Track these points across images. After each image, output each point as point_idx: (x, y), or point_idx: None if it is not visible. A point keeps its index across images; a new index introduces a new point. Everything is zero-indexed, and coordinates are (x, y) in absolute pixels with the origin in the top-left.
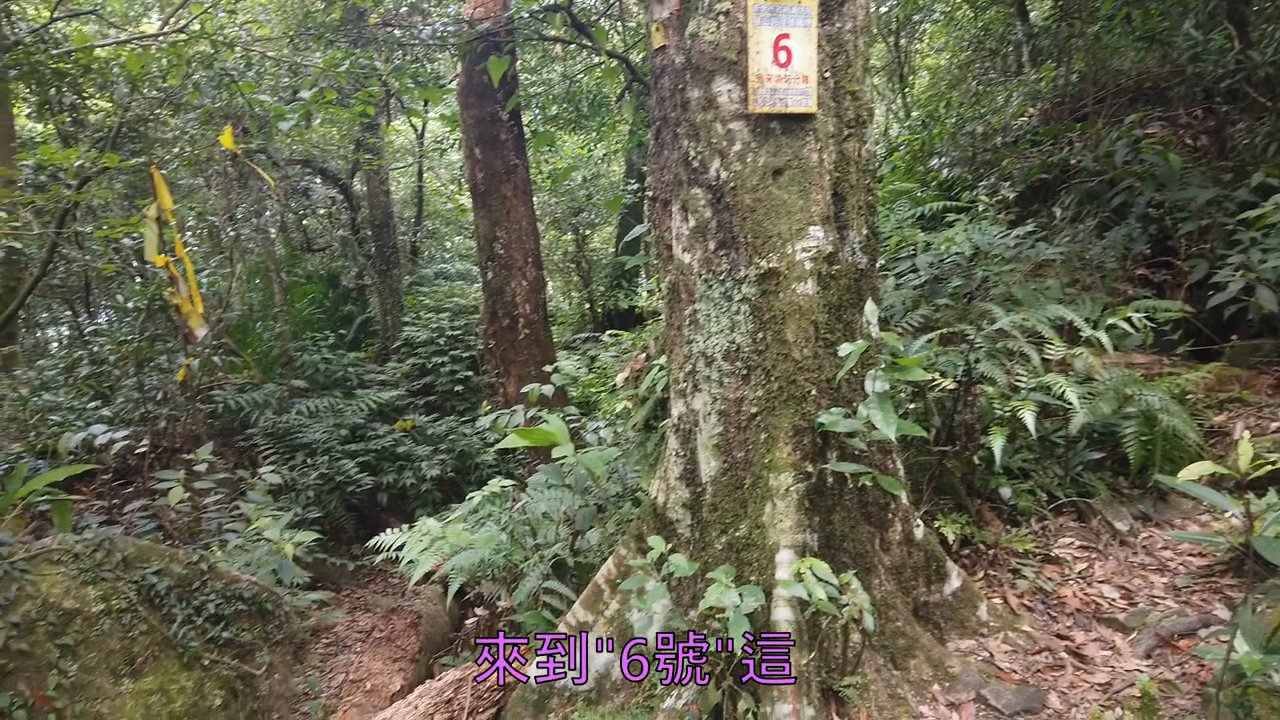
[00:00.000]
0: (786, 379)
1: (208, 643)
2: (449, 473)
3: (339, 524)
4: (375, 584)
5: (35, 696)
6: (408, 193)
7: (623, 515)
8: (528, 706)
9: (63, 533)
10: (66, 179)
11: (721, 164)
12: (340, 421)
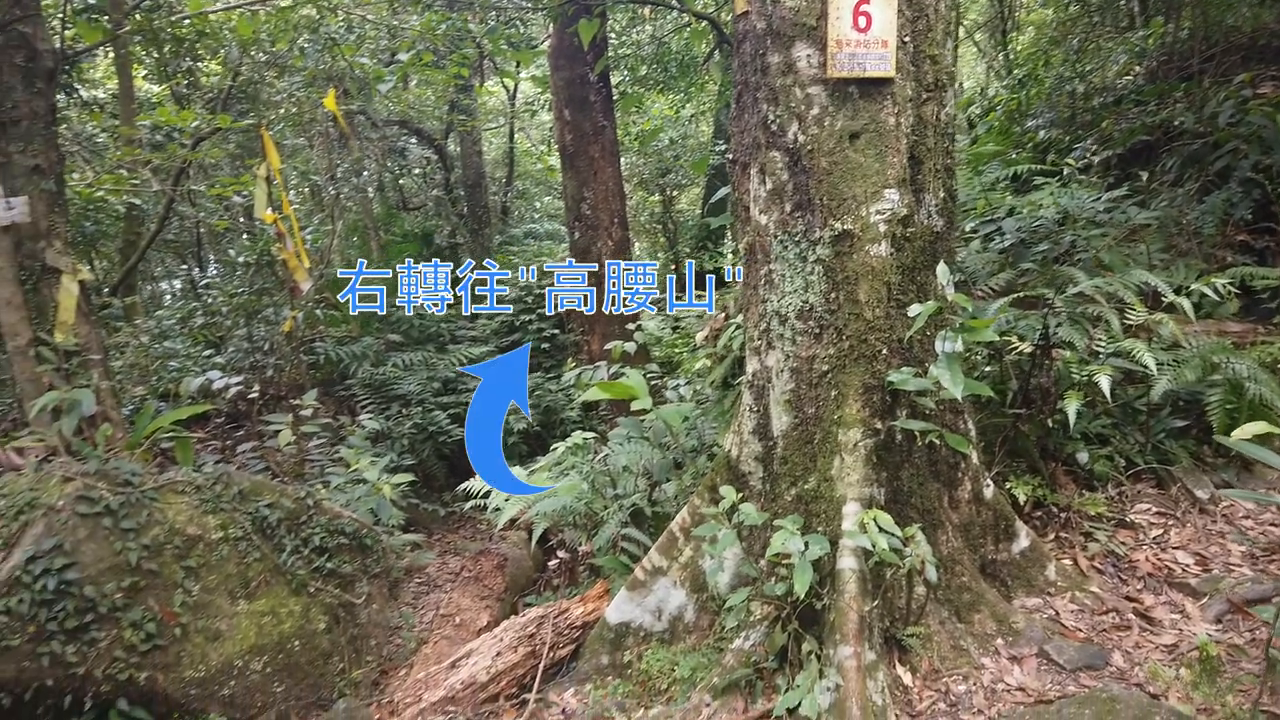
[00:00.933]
0: (858, 338)
1: (313, 572)
2: (534, 427)
3: (431, 472)
4: (464, 530)
5: (164, 612)
6: (499, 153)
7: (699, 468)
8: (604, 644)
9: (185, 466)
10: (182, 139)
11: (799, 128)
12: (433, 375)
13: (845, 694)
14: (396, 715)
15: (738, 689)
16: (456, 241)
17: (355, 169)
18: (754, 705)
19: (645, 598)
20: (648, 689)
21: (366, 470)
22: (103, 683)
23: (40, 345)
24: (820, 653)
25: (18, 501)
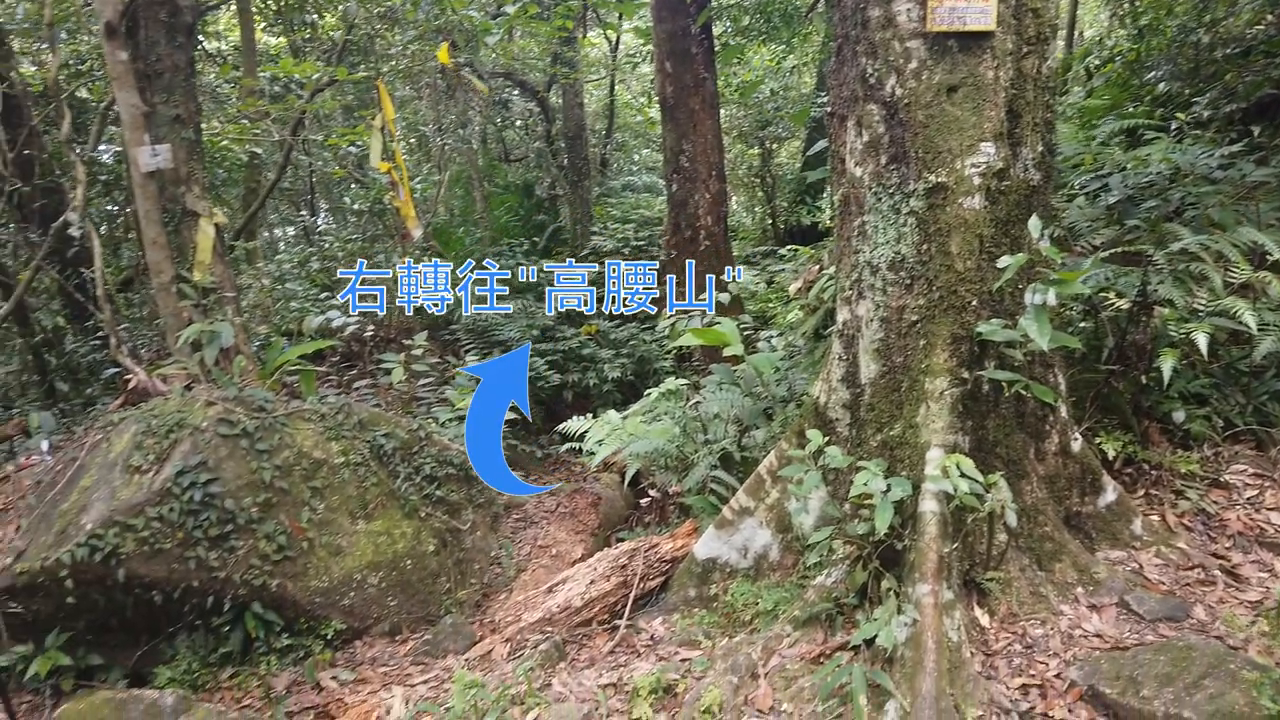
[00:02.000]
0: (948, 289)
1: (424, 498)
2: (629, 376)
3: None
4: (559, 471)
5: (293, 526)
6: (600, 105)
7: (787, 416)
8: (691, 578)
9: (309, 397)
10: (301, 90)
11: (897, 80)
12: (532, 323)
13: (921, 629)
14: (497, 632)
15: (818, 621)
16: (556, 193)
17: (462, 120)
18: (833, 636)
19: (732, 536)
20: (732, 620)
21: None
22: (240, 587)
23: (181, 282)
24: (899, 590)
25: (167, 422)
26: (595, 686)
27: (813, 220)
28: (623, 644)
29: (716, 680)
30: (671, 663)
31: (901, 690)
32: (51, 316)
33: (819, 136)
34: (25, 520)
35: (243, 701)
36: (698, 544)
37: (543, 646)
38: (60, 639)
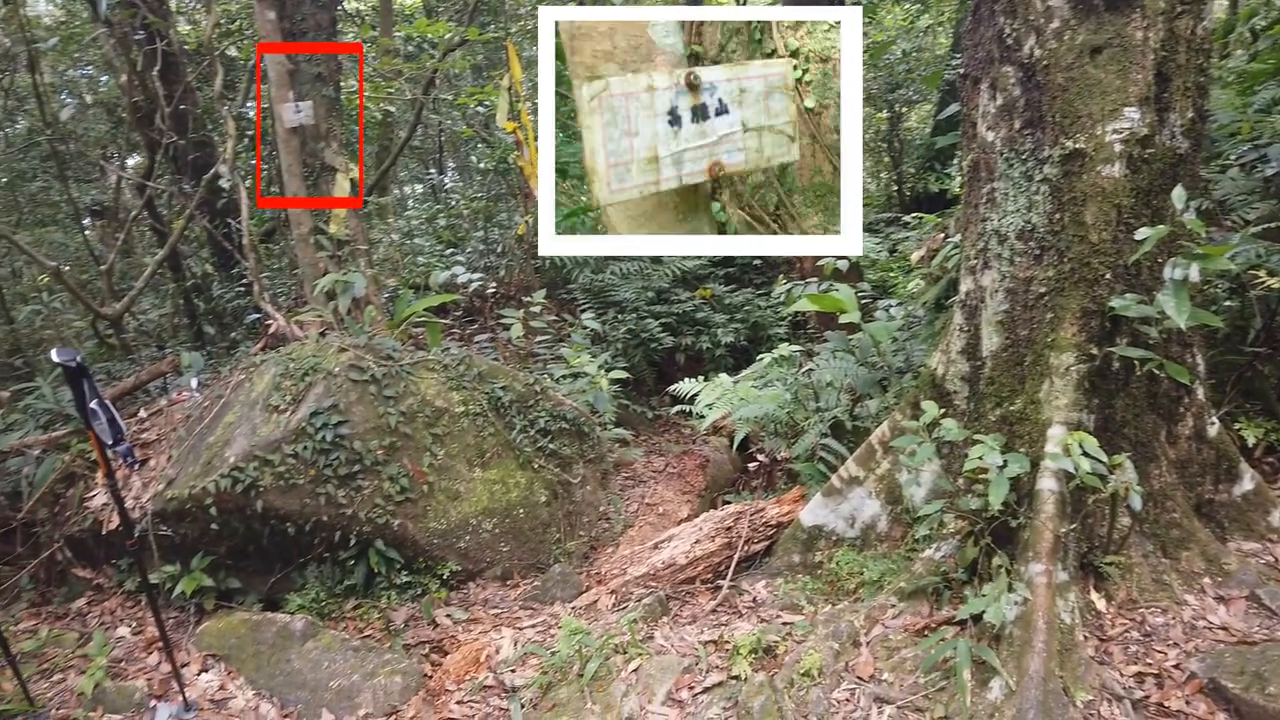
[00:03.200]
0: (1080, 261)
1: (538, 450)
2: (742, 341)
3: (640, 377)
4: (669, 433)
5: (414, 470)
6: None
7: (902, 387)
8: (796, 544)
9: (434, 348)
10: (433, 50)
11: (1036, 41)
12: (648, 284)
13: (1032, 608)
14: (603, 584)
15: (924, 595)
16: None
17: None
18: (939, 610)
19: (839, 505)
20: (835, 588)
21: (587, 365)
22: (365, 524)
23: (319, 234)
24: (1010, 568)
25: (304, 365)
26: (696, 642)
27: (941, 187)
28: (725, 603)
29: (817, 645)
30: (773, 625)
31: (1008, 668)
32: (201, 264)
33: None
34: (175, 451)
35: (364, 631)
36: (804, 511)
37: (647, 600)
38: (204, 562)
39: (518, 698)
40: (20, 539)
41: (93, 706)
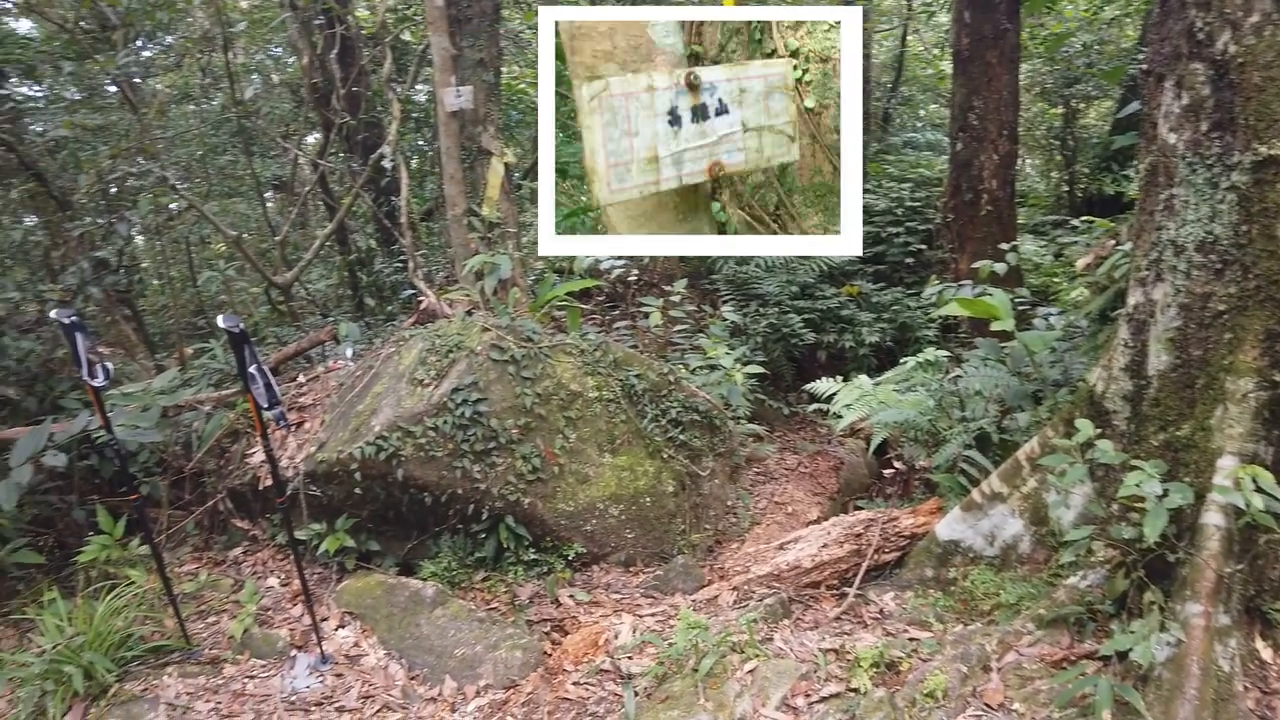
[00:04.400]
0: (1268, 278)
1: (667, 440)
2: (887, 341)
3: (779, 372)
4: (805, 431)
5: (547, 451)
6: (888, 57)
7: (1057, 402)
8: (930, 557)
9: (573, 332)
10: None
11: (1231, 36)
12: (792, 279)
13: (1186, 651)
14: (726, 579)
15: (1065, 624)
16: None
17: None
18: (1080, 643)
19: (979, 521)
20: (969, 607)
21: (722, 358)
22: (497, 500)
23: (471, 215)
24: (1164, 605)
25: (449, 342)
26: (816, 649)
27: (1117, 190)
28: (850, 612)
29: (944, 665)
30: (898, 639)
31: (1154, 712)
32: (366, 239)
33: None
34: (328, 416)
35: (490, 604)
36: (941, 524)
37: (768, 601)
38: (347, 523)
39: (632, 685)
40: (189, 487)
41: (240, 650)
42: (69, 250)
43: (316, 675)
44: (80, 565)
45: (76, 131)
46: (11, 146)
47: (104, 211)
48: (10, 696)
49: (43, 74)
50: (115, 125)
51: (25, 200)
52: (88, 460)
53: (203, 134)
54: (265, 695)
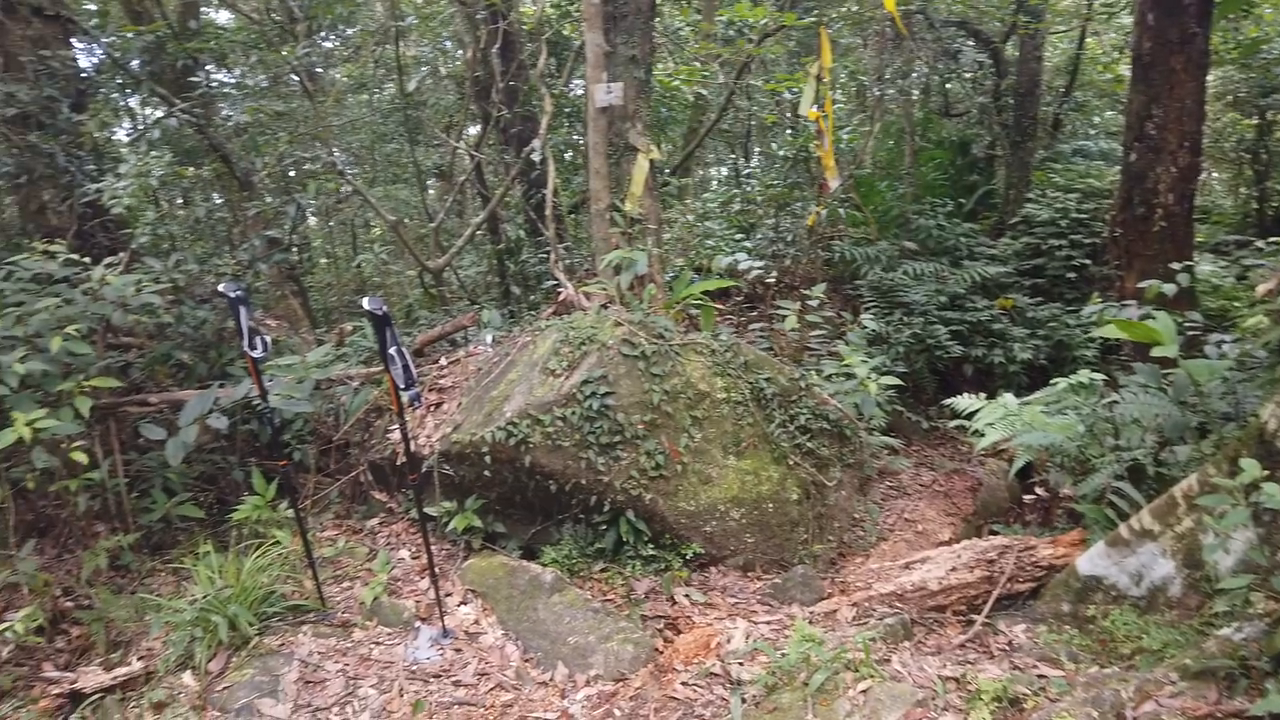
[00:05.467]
0: None
1: (794, 447)
2: (1041, 359)
3: (921, 384)
4: (944, 447)
5: (671, 449)
6: (1061, 60)
7: (1223, 437)
8: (1069, 592)
9: (705, 331)
10: (750, 34)
11: None
12: (941, 288)
13: None
14: (846, 594)
15: (1213, 678)
16: (994, 153)
17: (904, 70)
18: (1229, 699)
19: (1125, 558)
20: (1106, 649)
21: (858, 367)
22: (619, 493)
23: (614, 211)
24: None
25: (582, 334)
26: (936, 675)
27: None
28: (975, 641)
29: (1073, 708)
30: (1025, 674)
31: None
32: (516, 229)
33: None
34: (465, 399)
35: (606, 595)
36: (1082, 557)
37: (889, 620)
38: (476, 504)
39: (740, 692)
40: (335, 457)
41: (370, 616)
42: (246, 228)
43: (437, 648)
44: (234, 523)
45: (259, 117)
46: (203, 129)
47: (279, 193)
48: (164, 639)
49: (234, 62)
50: (295, 112)
51: (213, 180)
52: (248, 425)
53: (372, 123)
54: (389, 662)
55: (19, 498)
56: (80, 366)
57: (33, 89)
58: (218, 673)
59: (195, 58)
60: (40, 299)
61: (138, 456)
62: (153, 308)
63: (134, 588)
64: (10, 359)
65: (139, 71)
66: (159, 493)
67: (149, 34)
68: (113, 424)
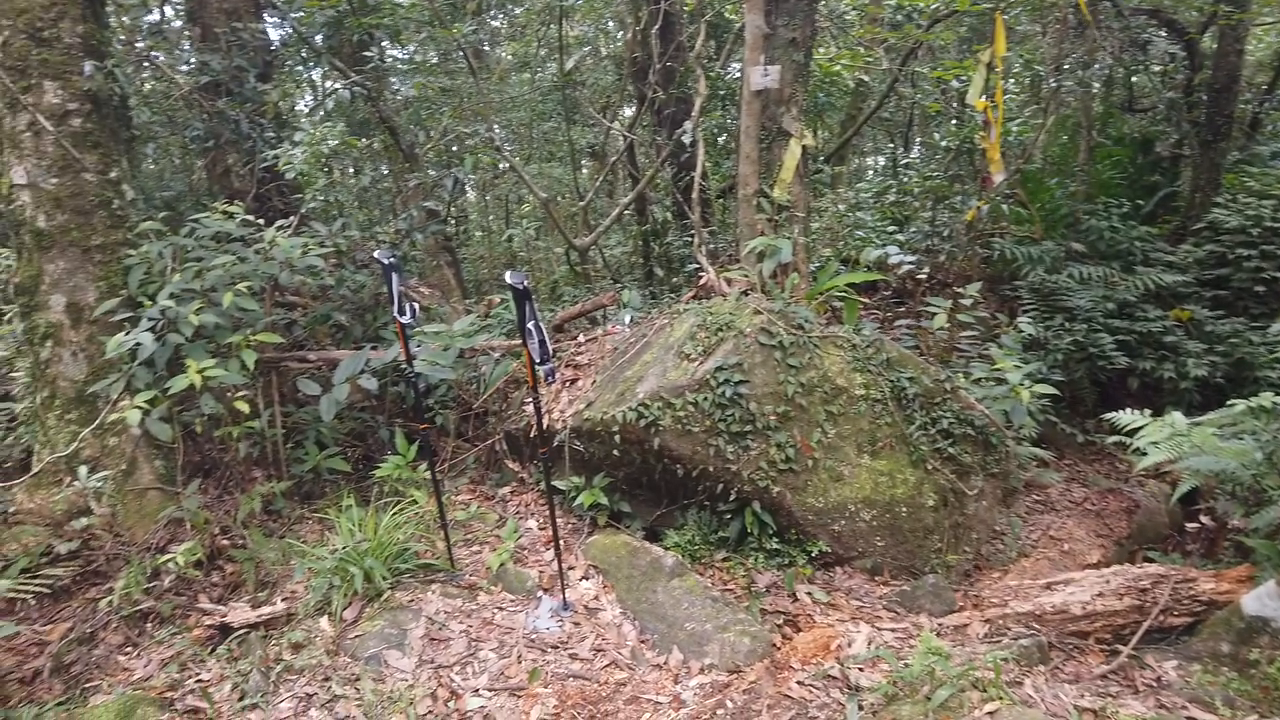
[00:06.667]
0: None
1: (934, 451)
2: (1217, 377)
3: (1079, 395)
4: (1099, 464)
5: (802, 443)
6: (1266, 54)
7: None
8: (1229, 631)
9: (848, 325)
10: (919, 19)
11: None
12: (1110, 294)
13: None
14: (978, 609)
15: None
16: (1181, 153)
17: (1085, 61)
18: None
19: None
20: (1269, 696)
21: (1010, 372)
22: (746, 483)
23: (762, 196)
24: None
25: (719, 320)
26: (1072, 705)
27: None
28: (1119, 673)
29: None
30: (1173, 714)
31: None
32: (663, 211)
33: None
34: (599, 377)
35: (726, 584)
36: (1249, 595)
37: (1024, 641)
38: (603, 481)
39: (858, 699)
40: (473, 425)
41: (495, 582)
42: (407, 198)
43: (557, 619)
44: (376, 479)
45: (426, 92)
46: (374, 102)
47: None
48: (306, 583)
49: (407, 38)
50: (459, 88)
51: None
52: (396, 387)
53: (532, 101)
54: (510, 629)
55: (188, 439)
56: (249, 321)
57: (224, 59)
58: (351, 621)
59: (371, 33)
60: (218, 256)
61: (294, 409)
62: (317, 270)
63: (283, 532)
64: (188, 310)
65: (320, 45)
66: (311, 445)
67: (330, 8)
68: (274, 377)
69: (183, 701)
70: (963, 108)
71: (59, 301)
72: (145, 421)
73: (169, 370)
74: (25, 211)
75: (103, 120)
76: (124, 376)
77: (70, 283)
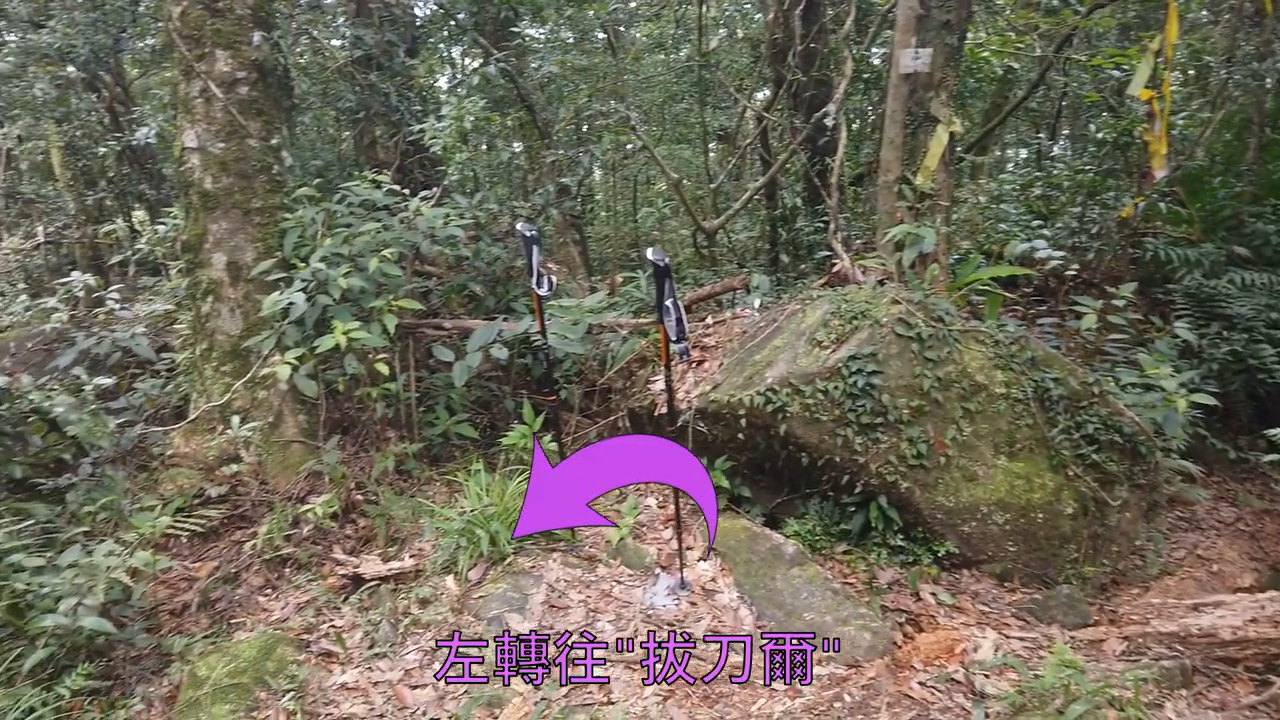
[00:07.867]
0: None
1: (1077, 457)
2: None
3: (1233, 408)
4: (1252, 483)
5: (936, 439)
6: None
7: None
8: None
9: (990, 320)
10: (1078, 5)
11: None
12: (1274, 303)
13: None
14: (1116, 625)
15: None
16: None
17: (1260, 53)
18: None
19: None
20: None
21: (1165, 379)
22: (873, 477)
23: (904, 183)
24: None
25: (854, 308)
26: None
27: None
28: (1270, 704)
29: None
30: None
31: None
32: (793, 196)
33: None
34: (726, 360)
35: (847, 578)
36: None
37: (1166, 663)
38: (725, 465)
39: (984, 706)
40: (597, 400)
41: (614, 555)
42: (541, 174)
43: (673, 597)
44: (502, 447)
45: (564, 70)
46: (514, 79)
47: (574, 144)
48: (434, 542)
49: (547, 17)
50: (596, 67)
51: (516, 128)
52: (523, 359)
53: (666, 81)
54: (627, 602)
55: (330, 397)
56: (391, 287)
57: (377, 34)
58: (476, 581)
59: (515, 10)
60: (364, 223)
61: (428, 375)
62: (455, 240)
63: (413, 492)
64: (336, 273)
65: (465, 22)
66: (442, 410)
67: None
68: (411, 342)
69: (318, 644)
70: (1121, 98)
71: (220, 260)
72: (293, 377)
73: (316, 330)
74: (194, 173)
75: (267, 89)
76: (275, 334)
77: (231, 242)
